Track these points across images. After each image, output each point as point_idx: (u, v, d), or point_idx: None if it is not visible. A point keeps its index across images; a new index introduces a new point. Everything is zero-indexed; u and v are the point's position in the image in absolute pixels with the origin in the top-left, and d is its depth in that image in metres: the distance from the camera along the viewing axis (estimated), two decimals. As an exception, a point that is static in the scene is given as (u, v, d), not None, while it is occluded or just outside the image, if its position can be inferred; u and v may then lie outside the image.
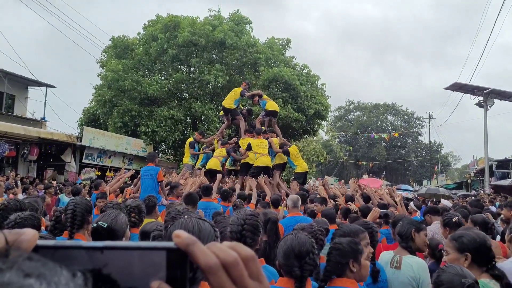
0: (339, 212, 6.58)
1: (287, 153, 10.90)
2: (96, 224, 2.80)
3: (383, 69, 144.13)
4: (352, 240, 2.58)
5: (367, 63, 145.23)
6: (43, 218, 5.08)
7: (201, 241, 1.58)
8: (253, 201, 7.28)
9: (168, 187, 7.70)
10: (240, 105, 13.00)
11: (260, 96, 12.27)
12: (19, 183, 12.92)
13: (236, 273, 0.52)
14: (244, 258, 0.53)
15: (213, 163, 10.72)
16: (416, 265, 3.19)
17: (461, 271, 2.11)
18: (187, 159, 12.25)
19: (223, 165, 11.10)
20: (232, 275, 0.51)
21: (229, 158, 11.62)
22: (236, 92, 12.21)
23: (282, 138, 12.22)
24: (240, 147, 11.58)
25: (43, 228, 4.39)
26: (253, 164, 10.57)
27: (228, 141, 11.93)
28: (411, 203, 8.36)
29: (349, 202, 7.70)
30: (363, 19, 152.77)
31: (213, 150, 11.96)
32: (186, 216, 1.87)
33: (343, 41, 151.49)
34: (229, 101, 12.14)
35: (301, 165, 11.07)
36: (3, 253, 0.43)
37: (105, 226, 2.75)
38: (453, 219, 3.93)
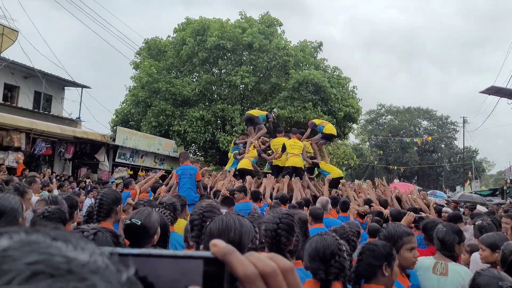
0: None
1: (317, 165, 10.86)
2: (129, 221, 2.85)
3: (409, 75, 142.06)
4: (387, 244, 2.54)
5: (392, 70, 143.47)
6: (79, 213, 5.22)
7: (243, 236, 1.60)
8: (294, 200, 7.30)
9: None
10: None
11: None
12: (54, 180, 13.34)
13: (274, 284, 0.50)
14: (283, 269, 0.52)
15: (244, 163, 10.79)
16: (464, 273, 3.11)
17: (498, 274, 2.06)
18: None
19: (254, 165, 11.16)
20: (270, 286, 0.50)
21: (266, 163, 11.70)
22: (263, 112, 13.37)
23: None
24: (270, 149, 11.60)
25: (74, 224, 4.53)
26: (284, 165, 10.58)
27: (262, 143, 11.97)
28: (445, 208, 8.14)
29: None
30: (389, 25, 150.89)
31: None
32: (225, 213, 1.87)
33: (369, 47, 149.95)
34: (255, 112, 13.08)
35: (335, 172, 10.92)
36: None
37: (139, 224, 2.80)
38: (485, 223, 3.83)
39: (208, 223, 1.83)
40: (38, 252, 0.40)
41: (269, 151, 11.86)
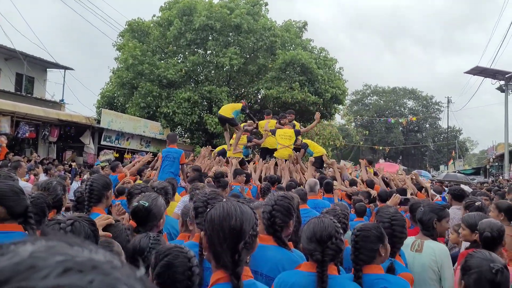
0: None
1: (305, 146, 10.82)
2: (137, 203, 2.85)
3: (394, 55, 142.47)
4: (376, 224, 2.60)
5: (378, 50, 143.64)
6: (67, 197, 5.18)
7: (244, 223, 1.60)
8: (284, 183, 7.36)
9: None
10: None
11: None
12: (39, 165, 13.18)
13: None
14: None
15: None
16: (438, 250, 3.22)
17: (490, 256, 2.10)
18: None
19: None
20: None
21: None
22: (236, 105, 11.22)
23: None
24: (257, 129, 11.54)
25: (63, 209, 4.49)
26: (273, 153, 10.57)
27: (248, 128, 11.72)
28: (433, 191, 8.24)
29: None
30: (373, 5, 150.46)
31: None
32: (225, 200, 1.86)
33: (353, 28, 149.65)
34: (227, 111, 10.84)
35: (318, 150, 10.94)
36: None
37: (146, 205, 2.80)
38: (476, 203, 3.90)
39: (208, 209, 1.82)
40: (62, 254, 0.46)
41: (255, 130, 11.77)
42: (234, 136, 11.00)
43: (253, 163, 10.04)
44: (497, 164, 32.12)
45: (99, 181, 3.60)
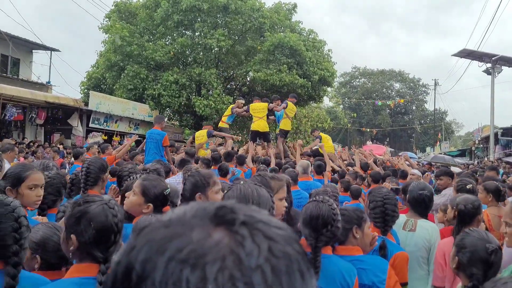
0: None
1: (286, 104, 10.82)
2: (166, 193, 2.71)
3: (378, 38, 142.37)
4: (358, 208, 2.68)
5: (362, 32, 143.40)
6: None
7: (260, 206, 1.65)
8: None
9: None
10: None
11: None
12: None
13: None
14: None
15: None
16: (431, 229, 3.32)
17: (486, 236, 2.17)
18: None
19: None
20: None
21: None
22: (228, 110, 11.91)
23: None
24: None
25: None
26: (264, 136, 10.81)
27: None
28: (413, 170, 8.26)
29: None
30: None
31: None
32: (242, 182, 1.88)
33: (339, 10, 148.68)
34: (223, 121, 11.75)
35: (328, 145, 10.94)
36: None
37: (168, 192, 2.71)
38: (467, 186, 3.99)
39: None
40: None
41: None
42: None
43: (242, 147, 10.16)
44: (482, 146, 32.61)
45: (95, 164, 3.62)
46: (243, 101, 12.09)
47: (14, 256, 1.69)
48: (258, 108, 10.79)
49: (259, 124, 10.67)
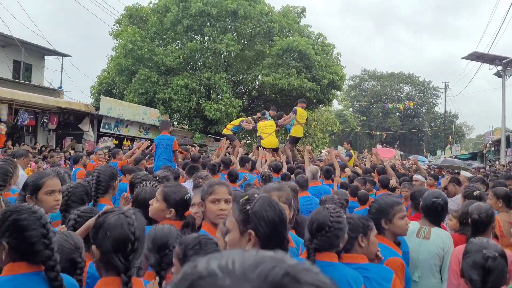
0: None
1: (295, 112, 10.91)
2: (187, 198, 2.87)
3: (385, 40, 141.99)
4: (363, 216, 2.67)
5: (369, 34, 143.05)
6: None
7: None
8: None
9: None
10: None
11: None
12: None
13: None
14: None
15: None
16: (445, 237, 3.31)
17: (487, 243, 2.21)
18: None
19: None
20: None
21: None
22: (236, 121, 12.27)
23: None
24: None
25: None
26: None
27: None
28: (416, 176, 7.79)
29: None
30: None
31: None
32: (264, 194, 1.96)
33: (344, 12, 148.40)
34: (228, 129, 11.86)
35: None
36: None
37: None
38: (474, 193, 3.97)
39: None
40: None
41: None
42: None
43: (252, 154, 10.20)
44: (493, 149, 32.28)
45: (106, 172, 3.64)
46: (254, 124, 12.03)
47: (49, 260, 1.79)
48: (266, 125, 10.84)
49: (270, 141, 10.63)
